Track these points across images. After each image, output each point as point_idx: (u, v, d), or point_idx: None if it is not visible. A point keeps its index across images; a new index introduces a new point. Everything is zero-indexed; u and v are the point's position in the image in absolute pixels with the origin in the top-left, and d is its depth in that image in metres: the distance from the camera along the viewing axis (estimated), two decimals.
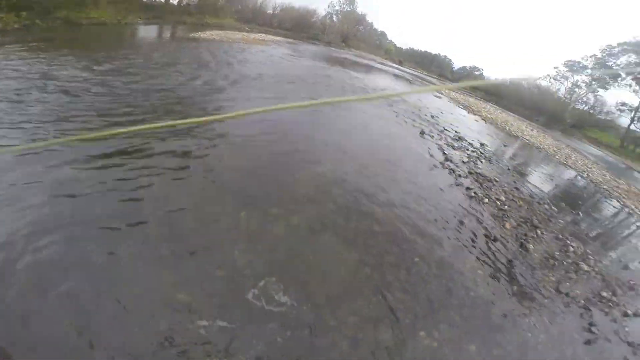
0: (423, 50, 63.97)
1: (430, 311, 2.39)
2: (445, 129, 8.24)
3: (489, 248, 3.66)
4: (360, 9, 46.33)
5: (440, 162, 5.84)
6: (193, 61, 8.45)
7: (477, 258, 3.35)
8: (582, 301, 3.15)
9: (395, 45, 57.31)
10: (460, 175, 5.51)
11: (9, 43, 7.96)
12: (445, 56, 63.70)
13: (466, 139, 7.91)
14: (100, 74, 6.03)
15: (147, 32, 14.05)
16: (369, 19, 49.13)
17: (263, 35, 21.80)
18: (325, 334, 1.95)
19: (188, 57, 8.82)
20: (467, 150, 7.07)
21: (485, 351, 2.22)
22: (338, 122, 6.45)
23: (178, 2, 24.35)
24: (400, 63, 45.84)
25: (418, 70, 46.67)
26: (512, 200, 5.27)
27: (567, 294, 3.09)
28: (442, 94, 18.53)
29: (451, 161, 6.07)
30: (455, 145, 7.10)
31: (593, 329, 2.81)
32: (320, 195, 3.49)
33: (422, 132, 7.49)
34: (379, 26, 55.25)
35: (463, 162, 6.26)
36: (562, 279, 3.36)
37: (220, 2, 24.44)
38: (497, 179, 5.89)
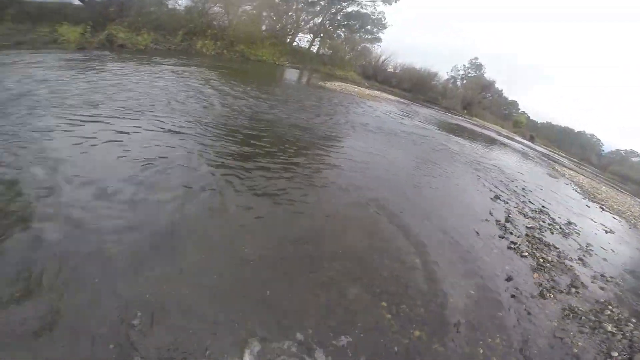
0: (563, 125, 55.87)
1: None
2: (529, 201, 7.60)
3: (499, 280, 3.81)
4: (488, 74, 45.00)
5: (497, 220, 5.72)
6: (316, 104, 10.90)
7: (476, 283, 3.52)
8: None
9: (528, 117, 51.47)
10: (511, 233, 5.30)
11: (206, 63, 12.34)
12: (592, 134, 54.08)
13: (550, 213, 7.04)
14: (252, 97, 8.90)
15: (291, 74, 18.33)
16: (498, 85, 46.93)
17: (378, 92, 23.68)
18: None
19: (313, 100, 11.42)
20: (544, 222, 6.36)
21: None
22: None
23: (317, 51, 29.94)
24: (531, 139, 41.23)
25: (552, 149, 40.87)
26: (563, 264, 4.68)
27: None
28: (561, 174, 16.24)
29: (511, 222, 5.79)
30: (529, 214, 6.56)
31: None
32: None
33: (497, 196, 7.23)
34: (509, 94, 51.58)
35: (526, 226, 5.82)
36: None
37: (347, 56, 28.55)
38: (562, 250, 5.21)
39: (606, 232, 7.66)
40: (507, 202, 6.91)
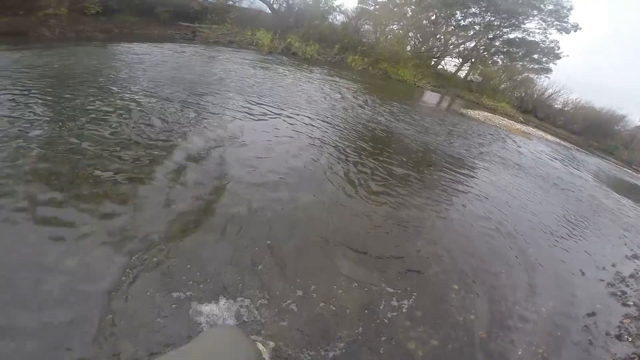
0: None
1: None
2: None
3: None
4: None
5: (618, 272, 4.83)
6: (452, 131, 10.44)
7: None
8: None
9: None
10: (627, 285, 4.44)
11: (352, 77, 14.48)
12: None
13: None
14: (388, 114, 9.40)
15: (430, 97, 17.98)
16: None
17: (533, 129, 20.38)
18: None
19: (449, 127, 10.93)
20: None
21: None
22: None
23: (464, 77, 28.58)
24: None
25: None
26: None
27: None
28: None
29: (634, 278, 4.76)
30: None
31: None
32: None
33: (635, 256, 5.86)
34: None
35: None
36: None
37: (502, 85, 26.00)
38: None
39: None
40: None
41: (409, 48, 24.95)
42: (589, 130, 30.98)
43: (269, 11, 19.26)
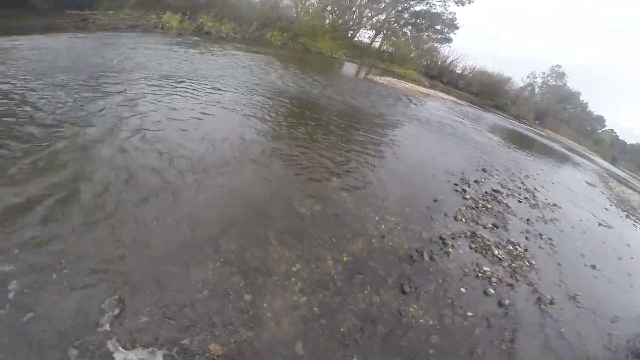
0: None
1: None
2: (522, 183, 8.46)
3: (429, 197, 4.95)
4: (571, 84, 41.14)
5: (464, 178, 6.96)
6: (361, 93, 12.40)
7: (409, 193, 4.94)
8: None
9: (616, 136, 45.76)
10: (469, 186, 6.75)
11: (272, 52, 15.21)
12: None
13: (537, 194, 7.83)
14: (307, 84, 10.76)
15: (345, 67, 19.92)
16: (584, 98, 42.47)
17: (433, 91, 23.51)
18: None
19: (360, 89, 13.04)
20: (519, 194, 7.20)
21: None
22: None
23: (378, 47, 31.24)
24: (613, 161, 36.87)
25: (637, 174, 35.90)
26: (502, 215, 5.90)
27: None
28: (609, 187, 15.52)
29: (477, 183, 6.84)
30: (510, 187, 7.68)
31: None
32: None
33: (484, 169, 8.47)
34: (596, 109, 46.09)
35: (492, 188, 6.81)
36: None
37: (411, 54, 29.30)
38: (514, 209, 6.19)
39: (600, 224, 8.06)
40: (492, 175, 8.14)
41: (327, 21, 26.22)
42: (484, 92, 36.82)
43: None
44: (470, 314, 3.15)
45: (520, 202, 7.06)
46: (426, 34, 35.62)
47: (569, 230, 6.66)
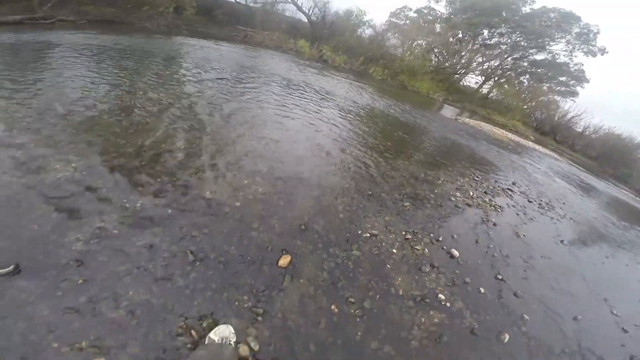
0: None
1: None
2: (549, 202, 7.87)
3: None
4: None
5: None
6: (446, 131, 13.21)
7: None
8: None
9: None
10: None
11: (372, 84, 17.79)
12: None
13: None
14: (400, 113, 12.46)
15: (438, 107, 20.54)
16: None
17: (532, 144, 21.45)
18: None
19: (443, 127, 13.44)
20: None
21: None
22: None
23: (486, 94, 30.90)
24: None
25: None
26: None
27: None
28: None
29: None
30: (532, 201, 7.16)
31: None
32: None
33: (514, 183, 8.00)
34: None
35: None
36: None
37: (516, 104, 28.08)
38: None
39: None
40: (519, 189, 8.23)
41: (433, 62, 27.81)
42: (605, 157, 31.38)
43: (306, 20, 23.07)
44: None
45: None
46: (547, 85, 33.66)
47: None
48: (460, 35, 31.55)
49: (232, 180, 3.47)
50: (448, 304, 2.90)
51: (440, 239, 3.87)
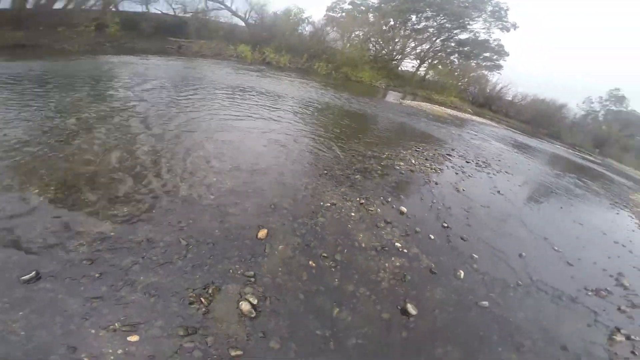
0: None
1: None
2: (485, 161, 9.03)
3: None
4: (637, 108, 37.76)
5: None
6: (390, 114, 14.91)
7: None
8: None
9: None
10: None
11: (317, 80, 18.55)
12: None
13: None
14: (345, 103, 13.49)
15: (382, 93, 22.25)
16: None
17: (469, 115, 24.09)
18: None
19: (387, 111, 15.03)
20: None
21: None
22: None
23: (423, 76, 33.39)
24: None
25: None
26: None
27: None
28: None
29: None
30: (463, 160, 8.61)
31: None
32: None
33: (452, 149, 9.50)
34: None
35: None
36: None
37: (450, 82, 30.85)
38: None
39: None
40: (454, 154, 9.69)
41: (372, 52, 29.35)
42: (536, 120, 36.02)
43: (243, 24, 23.11)
44: None
45: None
46: (474, 61, 37.08)
47: None
48: (392, 23, 33.52)
49: (202, 180, 3.91)
50: (405, 250, 3.62)
51: (389, 200, 4.67)
